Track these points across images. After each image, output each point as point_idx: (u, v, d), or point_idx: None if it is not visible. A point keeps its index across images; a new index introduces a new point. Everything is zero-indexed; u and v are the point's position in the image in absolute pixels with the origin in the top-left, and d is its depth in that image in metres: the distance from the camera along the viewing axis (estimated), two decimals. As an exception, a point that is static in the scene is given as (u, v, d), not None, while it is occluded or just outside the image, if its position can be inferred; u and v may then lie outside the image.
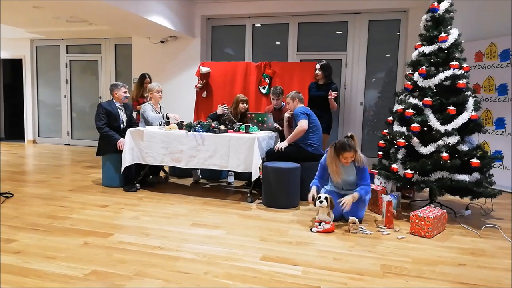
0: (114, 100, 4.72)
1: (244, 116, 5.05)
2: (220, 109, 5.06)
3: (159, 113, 5.04)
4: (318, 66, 5.43)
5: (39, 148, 8.36)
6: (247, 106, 5.08)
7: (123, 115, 4.77)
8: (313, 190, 3.47)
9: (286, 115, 4.63)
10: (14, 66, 9.57)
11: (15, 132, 9.71)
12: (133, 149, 4.46)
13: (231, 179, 5.12)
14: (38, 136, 9.21)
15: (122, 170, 4.45)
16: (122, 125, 4.73)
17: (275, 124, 4.83)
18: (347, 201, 3.27)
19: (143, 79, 5.69)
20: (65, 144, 8.96)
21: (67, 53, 8.83)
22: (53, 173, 5.55)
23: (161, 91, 5.07)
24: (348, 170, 3.47)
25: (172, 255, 2.67)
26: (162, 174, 5.28)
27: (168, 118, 4.78)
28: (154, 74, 7.53)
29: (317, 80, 5.50)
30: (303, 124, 4.19)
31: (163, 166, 4.96)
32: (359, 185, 3.43)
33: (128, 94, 4.78)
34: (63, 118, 8.96)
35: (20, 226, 3.21)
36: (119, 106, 4.74)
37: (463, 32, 3.92)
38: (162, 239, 2.97)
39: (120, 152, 4.46)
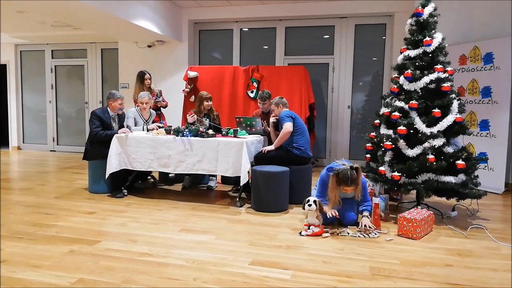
0: (108, 109, 4.67)
1: (208, 115, 5.00)
2: (190, 119, 4.85)
3: (147, 120, 5.00)
4: None
5: (23, 154, 8.21)
6: (211, 103, 5.00)
7: (115, 125, 4.72)
8: (321, 204, 3.34)
9: (272, 120, 4.64)
10: (-2, 72, 9.42)
11: (-1, 138, 9.54)
12: (120, 154, 4.41)
13: (212, 183, 5.06)
14: (23, 143, 9.04)
15: (106, 176, 4.40)
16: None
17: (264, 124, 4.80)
18: (367, 223, 3.29)
19: (143, 76, 5.40)
20: (50, 150, 8.81)
21: (52, 58, 8.71)
22: (38, 180, 5.46)
23: (146, 102, 4.86)
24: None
25: (160, 262, 2.64)
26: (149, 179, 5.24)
27: (148, 131, 4.77)
28: (141, 79, 7.48)
29: None
30: (287, 126, 4.21)
31: (151, 171, 4.91)
32: (361, 202, 3.45)
33: (123, 107, 4.74)
34: (48, 124, 8.82)
35: (5, 234, 3.14)
36: (112, 116, 4.69)
37: (447, 36, 3.99)
38: (150, 246, 2.94)
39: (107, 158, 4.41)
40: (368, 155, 4.18)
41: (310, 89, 6.16)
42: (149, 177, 5.19)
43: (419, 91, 3.78)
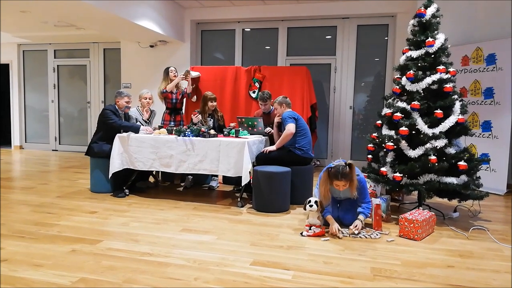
0: (116, 107, 4.70)
1: (213, 115, 5.01)
2: (195, 119, 4.88)
3: (148, 119, 5.02)
4: None
5: (26, 154, 8.23)
6: (215, 103, 5.02)
7: None
8: (331, 220, 3.31)
9: (276, 119, 4.63)
10: (1, 71, 9.44)
11: (2, 138, 9.56)
12: (122, 154, 4.43)
13: (214, 183, 5.07)
14: (25, 142, 9.07)
15: (109, 176, 4.41)
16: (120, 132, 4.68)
17: (268, 129, 4.81)
18: (359, 225, 3.27)
19: (167, 70, 5.47)
20: (52, 150, 8.84)
21: (55, 57, 8.74)
22: (40, 179, 5.47)
23: (150, 98, 4.96)
24: (346, 189, 3.37)
25: (162, 261, 2.64)
26: (151, 179, 5.24)
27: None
28: (144, 79, 7.52)
29: None
30: (290, 128, 4.21)
31: (153, 171, 4.92)
32: (360, 203, 3.41)
33: (130, 105, 4.76)
34: (50, 124, 8.85)
35: (6, 233, 3.15)
36: (120, 114, 4.72)
37: (450, 36, 3.99)
38: (151, 245, 2.94)
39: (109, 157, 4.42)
40: (370, 156, 4.18)
41: (312, 89, 6.15)
42: (151, 177, 5.19)
43: (421, 92, 3.78)
